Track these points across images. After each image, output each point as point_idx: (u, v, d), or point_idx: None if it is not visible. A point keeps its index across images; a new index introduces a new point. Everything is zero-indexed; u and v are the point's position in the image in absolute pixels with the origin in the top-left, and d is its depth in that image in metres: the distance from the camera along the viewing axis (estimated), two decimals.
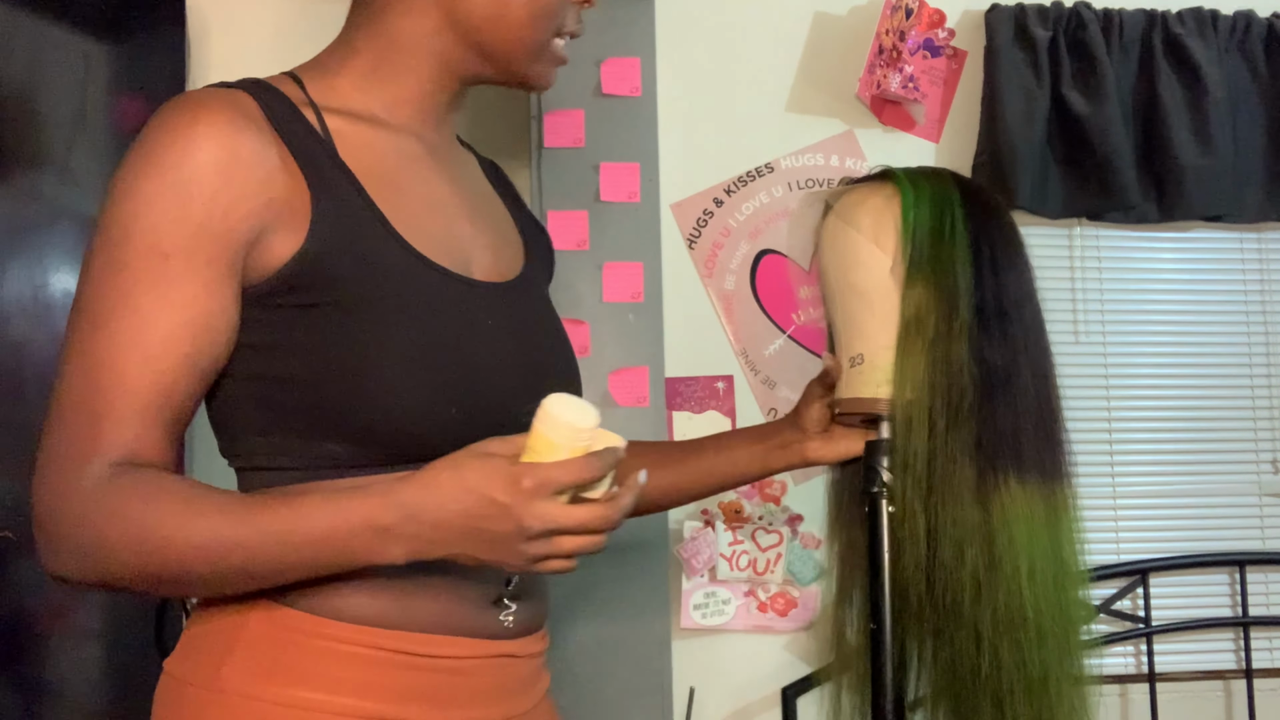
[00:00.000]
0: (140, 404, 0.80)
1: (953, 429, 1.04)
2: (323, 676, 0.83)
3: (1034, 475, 1.06)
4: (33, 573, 1.36)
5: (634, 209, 1.88)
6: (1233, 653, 2.09)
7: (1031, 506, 1.05)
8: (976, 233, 1.09)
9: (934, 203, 1.10)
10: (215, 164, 0.82)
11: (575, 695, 1.79)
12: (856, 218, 1.12)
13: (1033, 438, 1.07)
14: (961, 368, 1.05)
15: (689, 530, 1.88)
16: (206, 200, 0.82)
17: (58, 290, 1.44)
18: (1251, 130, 2.07)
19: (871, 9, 2.01)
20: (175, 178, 0.81)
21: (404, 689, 0.85)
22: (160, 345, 0.80)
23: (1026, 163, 1.94)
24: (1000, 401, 1.06)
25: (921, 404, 1.05)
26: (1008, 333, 1.07)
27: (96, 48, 1.53)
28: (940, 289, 1.06)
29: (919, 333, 1.06)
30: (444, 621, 0.88)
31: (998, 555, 1.03)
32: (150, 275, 0.80)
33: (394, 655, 0.85)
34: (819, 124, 2.01)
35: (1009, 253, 1.11)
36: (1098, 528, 2.06)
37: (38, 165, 1.44)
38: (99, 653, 1.49)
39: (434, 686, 0.87)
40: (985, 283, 1.07)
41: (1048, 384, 1.10)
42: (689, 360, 1.93)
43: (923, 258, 1.07)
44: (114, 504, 0.78)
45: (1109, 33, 1.99)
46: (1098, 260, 2.12)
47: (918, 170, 1.15)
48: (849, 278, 1.12)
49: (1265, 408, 2.14)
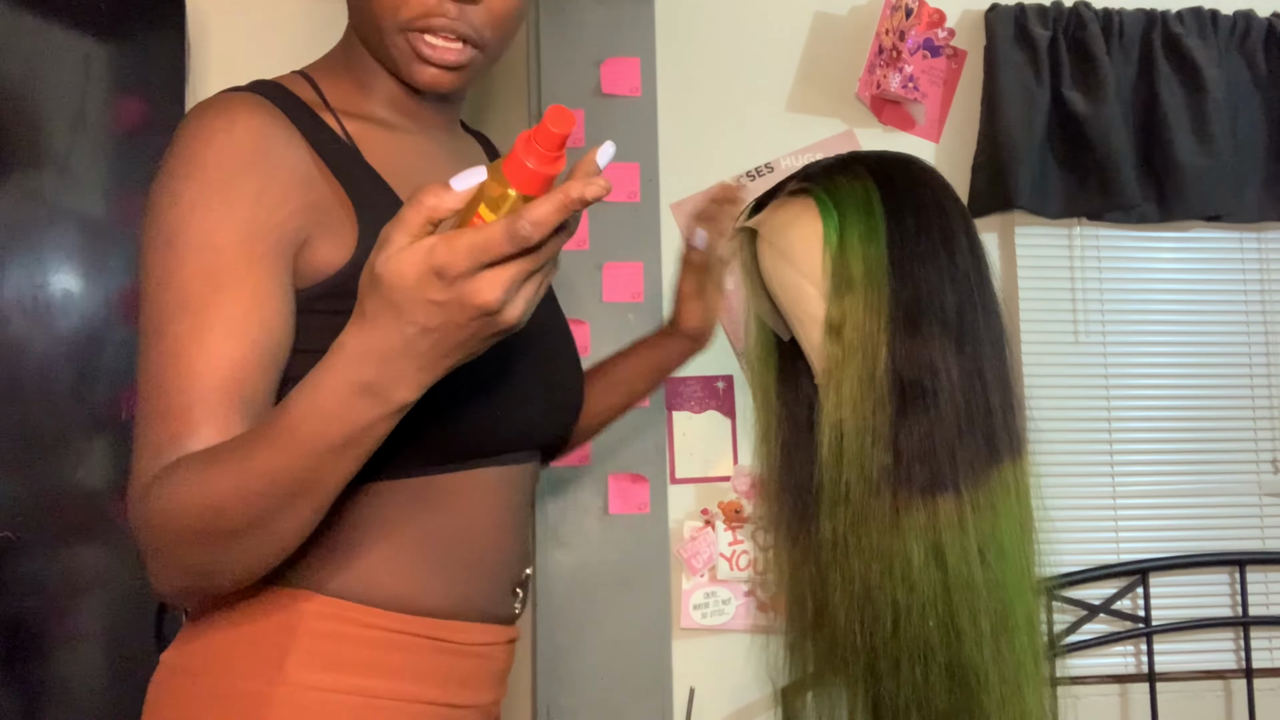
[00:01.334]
0: (214, 396, 0.77)
1: (874, 452, 0.99)
2: (385, 665, 0.85)
3: (950, 488, 0.99)
4: (33, 573, 1.37)
5: (634, 209, 1.88)
6: (1233, 652, 2.09)
7: (950, 521, 0.99)
8: (892, 232, 1.03)
9: (854, 215, 1.04)
10: (256, 164, 0.82)
11: (575, 695, 1.79)
12: (786, 246, 1.08)
13: (955, 444, 1.00)
14: (882, 382, 1.00)
15: (689, 530, 1.88)
16: (252, 199, 0.81)
17: (58, 290, 1.44)
18: (1251, 130, 2.07)
19: (871, 9, 2.01)
20: (218, 177, 0.81)
21: (447, 675, 0.90)
22: (226, 336, 0.78)
23: (1026, 163, 1.94)
24: (918, 414, 1.00)
25: (849, 430, 1.00)
26: (926, 333, 1.01)
27: (96, 48, 1.53)
28: (864, 300, 1.02)
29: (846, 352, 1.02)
30: (482, 609, 0.93)
31: (913, 581, 0.98)
32: (207, 272, 0.79)
33: (441, 644, 0.89)
34: (819, 124, 2.01)
35: (927, 243, 1.03)
36: (1098, 528, 2.06)
37: (38, 165, 1.44)
38: (99, 653, 1.49)
39: (468, 671, 0.92)
40: (902, 282, 1.02)
41: (979, 375, 1.03)
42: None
43: (845, 276, 1.03)
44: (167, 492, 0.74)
45: (1109, 32, 2.00)
46: (1098, 260, 2.12)
47: (835, 174, 1.09)
48: (802, 308, 1.08)
49: (1265, 408, 2.14)
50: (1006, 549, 1.01)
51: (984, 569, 0.99)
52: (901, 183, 1.07)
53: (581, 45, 1.90)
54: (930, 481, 0.99)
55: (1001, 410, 1.04)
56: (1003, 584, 1.00)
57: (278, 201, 0.83)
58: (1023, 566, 1.03)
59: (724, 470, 1.92)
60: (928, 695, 0.98)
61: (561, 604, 1.24)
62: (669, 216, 1.96)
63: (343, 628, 0.85)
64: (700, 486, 1.91)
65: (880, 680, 1.00)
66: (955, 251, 1.05)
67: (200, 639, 0.87)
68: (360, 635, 0.85)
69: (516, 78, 1.95)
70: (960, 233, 1.06)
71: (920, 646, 0.98)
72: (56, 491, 1.41)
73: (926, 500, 0.99)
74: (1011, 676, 1.00)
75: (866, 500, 0.99)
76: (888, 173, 1.08)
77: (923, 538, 0.99)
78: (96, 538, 1.48)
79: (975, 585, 0.99)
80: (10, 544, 1.31)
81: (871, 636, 0.99)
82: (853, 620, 1.00)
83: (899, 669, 0.98)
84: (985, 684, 0.98)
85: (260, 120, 0.84)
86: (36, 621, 1.39)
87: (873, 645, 0.99)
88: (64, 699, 1.42)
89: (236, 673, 0.83)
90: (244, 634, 0.85)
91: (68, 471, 1.44)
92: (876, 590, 0.99)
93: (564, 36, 1.89)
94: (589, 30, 1.90)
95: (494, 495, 0.94)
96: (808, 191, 1.09)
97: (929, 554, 0.98)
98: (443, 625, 0.89)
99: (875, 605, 0.99)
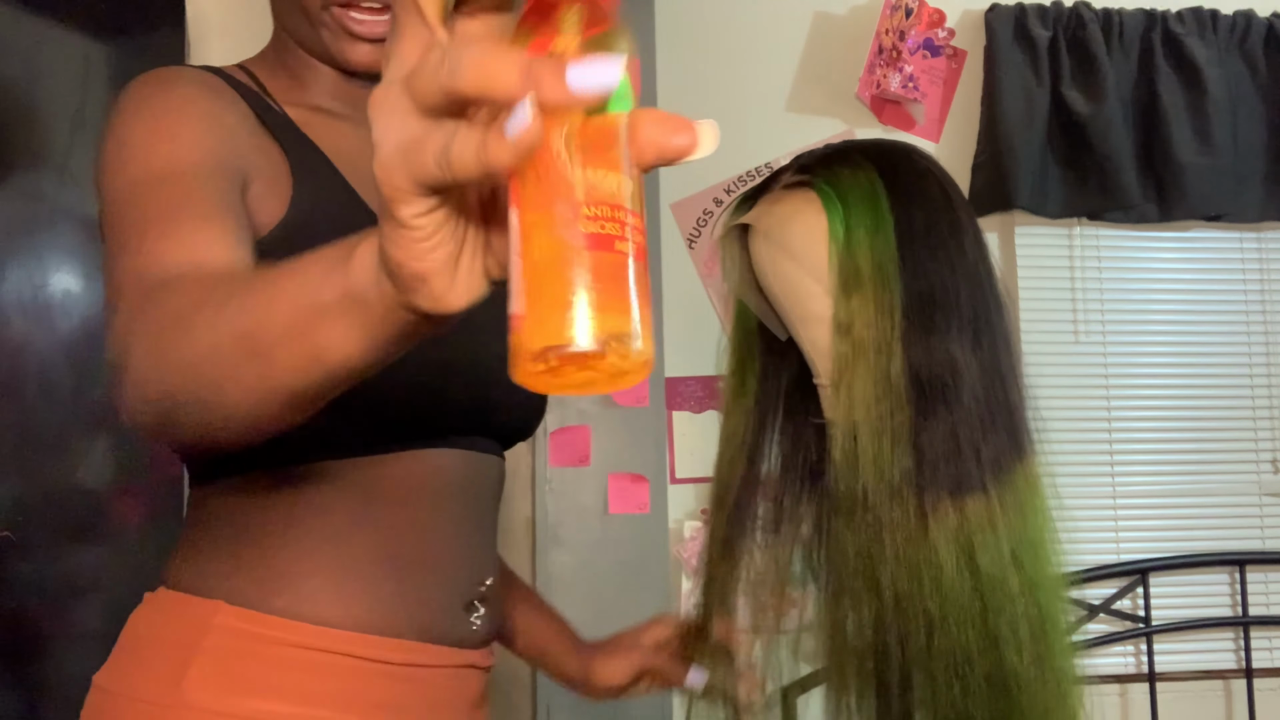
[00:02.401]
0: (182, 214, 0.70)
1: (894, 454, 0.94)
2: (294, 687, 0.77)
3: (978, 488, 0.95)
4: (33, 572, 1.37)
5: None
6: (1233, 652, 2.09)
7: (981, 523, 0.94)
8: (900, 224, 0.99)
9: (859, 207, 1.00)
10: (202, 105, 0.79)
11: (576, 695, 1.79)
12: (788, 241, 1.02)
13: (979, 442, 0.96)
14: (898, 381, 0.95)
15: (689, 530, 1.88)
16: (202, 130, 0.77)
17: (58, 290, 1.44)
18: (1251, 130, 2.07)
19: (871, 9, 2.01)
20: (165, 116, 0.77)
21: (374, 699, 0.79)
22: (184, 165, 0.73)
23: (1026, 163, 1.94)
24: (939, 413, 0.95)
25: (863, 432, 0.95)
26: (942, 328, 0.97)
27: (96, 48, 1.53)
28: (874, 296, 0.97)
29: (856, 351, 0.97)
30: (419, 626, 0.81)
31: (946, 589, 0.92)
32: (170, 191, 0.73)
33: (367, 664, 0.79)
34: (819, 124, 2.01)
35: (937, 235, 0.99)
36: (1098, 528, 2.06)
37: (38, 165, 1.44)
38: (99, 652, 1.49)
39: (400, 695, 0.81)
40: (913, 276, 0.97)
41: (998, 369, 1.00)
42: (689, 360, 1.93)
43: (853, 272, 0.98)
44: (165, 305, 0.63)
45: (1109, 32, 1.99)
46: (1098, 260, 2.11)
47: (835, 164, 1.03)
48: (805, 306, 1.02)
49: (1265, 408, 2.14)
50: (1038, 548, 0.97)
51: (1018, 571, 0.94)
52: (906, 172, 1.02)
53: None
54: (957, 482, 0.94)
55: (1020, 404, 1.00)
56: (1038, 585, 0.96)
57: (224, 137, 0.79)
58: (1054, 565, 0.99)
59: None
60: (968, 708, 0.92)
61: (561, 604, 1.24)
62: (669, 216, 1.96)
63: (247, 645, 0.77)
64: (700, 486, 1.91)
65: (914, 694, 0.94)
66: (964, 242, 1.01)
67: (118, 655, 0.82)
68: (265, 653, 0.77)
69: None
70: (967, 223, 1.02)
71: (958, 658, 0.92)
72: (56, 491, 1.41)
73: (955, 502, 0.94)
74: (1054, 681, 0.95)
75: (888, 506, 0.94)
76: (891, 162, 1.03)
77: (954, 542, 0.93)
78: (96, 538, 1.48)
79: (1010, 589, 0.94)
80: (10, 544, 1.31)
81: (904, 650, 0.93)
82: (883, 635, 0.94)
83: (935, 682, 0.92)
84: (1028, 692, 0.93)
85: (203, 76, 0.83)
86: (36, 621, 1.39)
87: (905, 659, 0.93)
88: (64, 699, 1.42)
89: (137, 689, 0.78)
90: (152, 650, 0.79)
91: (68, 471, 1.44)
92: (906, 601, 0.92)
93: None
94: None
95: (441, 488, 0.84)
96: (807, 184, 1.03)
97: (961, 559, 0.93)
98: (365, 641, 0.78)
99: (907, 617, 0.92)
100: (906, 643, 0.92)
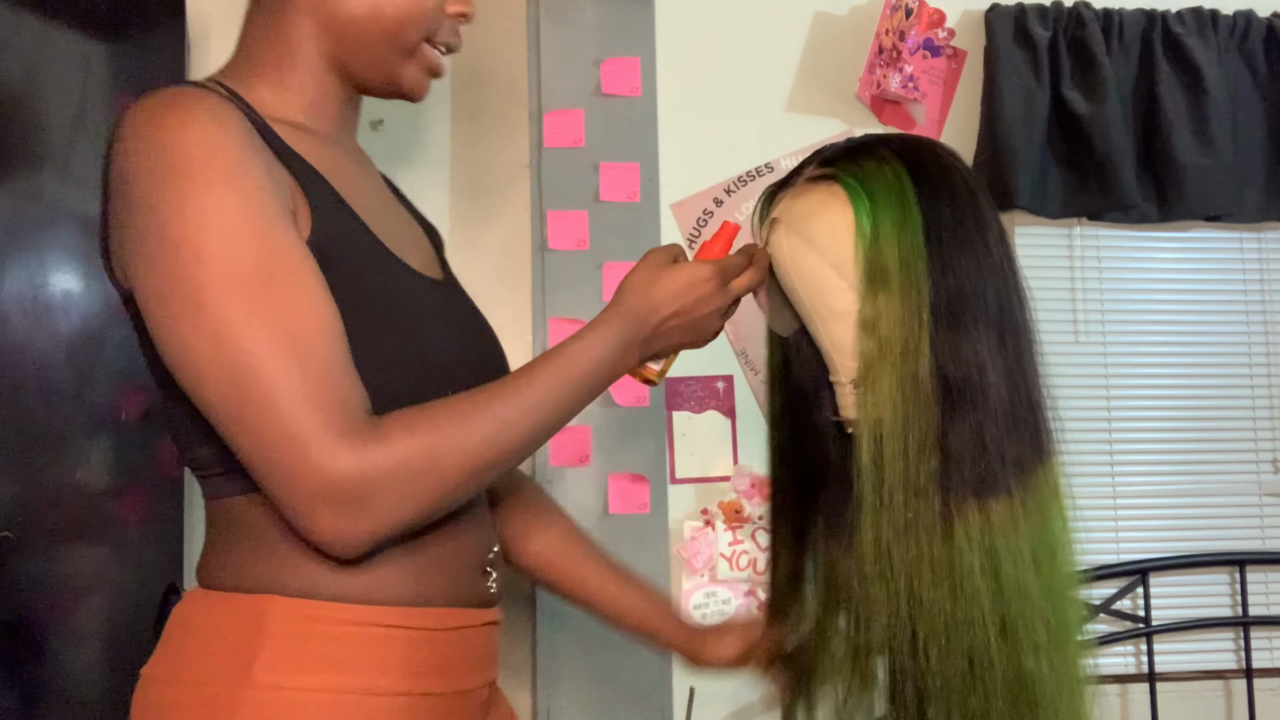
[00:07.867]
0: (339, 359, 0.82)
1: (920, 454, 0.94)
2: (356, 661, 0.85)
3: (1003, 490, 0.95)
4: (33, 572, 1.37)
5: (634, 209, 1.88)
6: (1233, 652, 2.09)
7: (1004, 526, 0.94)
8: (928, 220, 0.97)
9: (886, 202, 0.98)
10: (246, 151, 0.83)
11: (575, 695, 1.79)
12: (812, 234, 1.02)
13: (1004, 443, 0.96)
14: (925, 381, 0.95)
15: (689, 530, 1.88)
16: (257, 185, 0.82)
17: (58, 290, 1.44)
18: (1251, 130, 2.07)
19: (871, 9, 2.01)
20: (221, 171, 0.81)
21: (421, 664, 0.89)
22: (316, 309, 0.81)
23: (1026, 163, 1.94)
24: (965, 413, 0.95)
25: (889, 431, 0.95)
26: (970, 327, 0.96)
27: (96, 48, 1.53)
28: (901, 294, 0.96)
29: (882, 350, 0.96)
30: (451, 593, 0.92)
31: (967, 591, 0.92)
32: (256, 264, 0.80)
33: (415, 632, 0.88)
34: (819, 124, 2.01)
35: (964, 231, 0.98)
36: (1098, 528, 2.06)
37: (38, 165, 1.44)
38: (99, 652, 1.49)
39: (442, 658, 0.91)
40: (942, 274, 0.96)
41: (1023, 372, 1.00)
42: (689, 360, 1.92)
43: (880, 268, 0.97)
44: (421, 423, 0.82)
45: (1109, 32, 1.99)
46: (1098, 260, 2.12)
47: (860, 158, 1.03)
48: (826, 301, 1.02)
49: (1265, 408, 2.14)
50: (1056, 551, 0.97)
51: (1037, 574, 0.94)
52: (932, 167, 1.01)
53: (581, 45, 1.90)
54: (982, 484, 0.94)
55: (1042, 403, 1.00)
56: (1055, 588, 0.96)
57: (274, 185, 0.84)
58: (1070, 568, 0.99)
59: (724, 470, 1.92)
60: (986, 710, 0.92)
61: (561, 604, 1.24)
62: (669, 216, 1.96)
63: (310, 627, 0.85)
64: (700, 486, 1.91)
65: (930, 695, 0.93)
66: (989, 238, 1.00)
67: (172, 649, 0.88)
68: (327, 633, 0.85)
69: (516, 78, 1.95)
70: (991, 219, 1.01)
71: (977, 660, 0.92)
72: (56, 491, 1.41)
73: (980, 503, 0.93)
74: (1068, 685, 0.95)
75: (913, 506, 0.93)
76: (916, 156, 1.01)
77: (977, 544, 0.93)
78: (96, 538, 1.48)
79: (1029, 592, 0.93)
80: (10, 544, 1.31)
81: (922, 650, 0.93)
82: (901, 634, 0.93)
83: (952, 683, 0.92)
84: (1044, 695, 0.93)
85: (229, 109, 0.85)
86: (36, 621, 1.39)
87: (924, 659, 0.93)
88: (64, 698, 1.42)
89: (206, 679, 0.84)
90: (213, 641, 0.86)
91: (68, 471, 1.43)
92: (928, 602, 0.92)
93: (564, 36, 1.89)
94: (589, 30, 1.90)
95: None
96: (833, 177, 1.02)
97: (984, 561, 0.93)
98: (410, 613, 0.88)
99: (928, 618, 0.92)
100: (926, 643, 0.92)
